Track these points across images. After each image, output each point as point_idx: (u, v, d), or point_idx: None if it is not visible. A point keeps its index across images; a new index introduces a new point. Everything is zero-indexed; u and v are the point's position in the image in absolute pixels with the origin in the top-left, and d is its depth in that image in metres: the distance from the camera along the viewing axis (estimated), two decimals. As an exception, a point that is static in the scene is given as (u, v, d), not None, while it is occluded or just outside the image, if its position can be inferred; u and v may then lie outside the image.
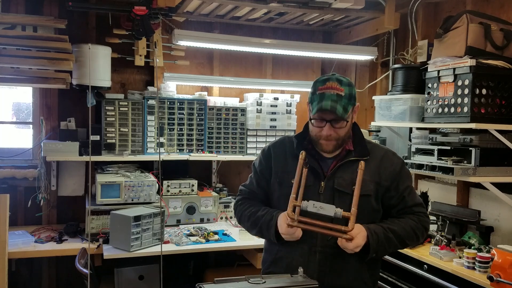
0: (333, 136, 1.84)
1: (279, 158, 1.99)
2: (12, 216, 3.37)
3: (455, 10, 3.32)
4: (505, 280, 2.22)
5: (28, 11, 3.51)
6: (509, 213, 2.89)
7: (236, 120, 3.93)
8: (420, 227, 1.90)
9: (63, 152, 3.33)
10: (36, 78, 3.14)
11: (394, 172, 1.91)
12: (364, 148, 1.91)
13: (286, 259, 1.91)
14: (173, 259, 3.50)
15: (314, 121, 1.85)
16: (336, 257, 1.84)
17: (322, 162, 1.91)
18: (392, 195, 1.90)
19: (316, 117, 1.84)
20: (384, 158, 1.93)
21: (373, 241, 1.79)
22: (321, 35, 4.48)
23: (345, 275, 1.86)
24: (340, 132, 1.84)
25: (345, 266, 1.86)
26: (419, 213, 1.93)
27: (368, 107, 4.27)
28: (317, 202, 1.72)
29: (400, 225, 1.87)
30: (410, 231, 1.87)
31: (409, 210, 1.92)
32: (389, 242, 1.83)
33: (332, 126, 1.82)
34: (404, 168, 1.96)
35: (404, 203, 1.92)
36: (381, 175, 1.89)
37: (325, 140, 1.85)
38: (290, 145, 1.99)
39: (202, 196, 3.72)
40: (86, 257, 2.75)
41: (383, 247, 1.82)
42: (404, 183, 1.93)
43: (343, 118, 1.80)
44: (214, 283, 1.49)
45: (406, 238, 1.87)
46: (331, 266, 1.85)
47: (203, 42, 3.70)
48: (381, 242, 1.80)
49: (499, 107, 2.72)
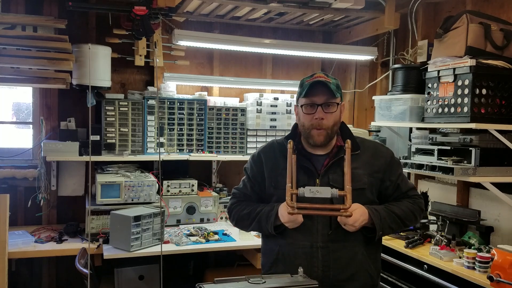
0: (325, 123, 1.85)
1: (270, 162, 2.00)
2: (12, 216, 3.37)
3: (455, 10, 3.32)
4: (505, 280, 2.22)
5: (28, 11, 3.51)
6: (509, 213, 2.89)
7: (236, 120, 3.93)
8: (417, 208, 1.98)
9: (63, 152, 3.33)
10: (36, 78, 3.13)
11: (386, 163, 1.96)
12: (355, 143, 1.94)
13: (288, 258, 1.91)
14: (173, 259, 3.50)
15: (305, 107, 1.88)
16: (339, 251, 1.86)
17: (315, 161, 1.93)
18: (387, 185, 1.97)
19: (306, 101, 1.87)
20: (374, 150, 1.98)
21: (376, 218, 1.83)
22: (321, 35, 4.48)
23: (350, 267, 1.88)
24: (330, 118, 1.86)
25: (349, 258, 1.87)
26: (413, 196, 2.01)
27: (368, 107, 4.27)
28: (313, 187, 1.77)
29: (398, 206, 1.94)
30: (407, 211, 1.94)
31: (404, 195, 2.00)
32: (391, 219, 1.89)
33: (323, 111, 1.85)
34: (394, 157, 2.02)
35: (400, 191, 1.99)
36: (373, 167, 1.93)
37: (316, 128, 1.87)
38: (279, 148, 2.00)
39: (202, 196, 3.72)
40: (86, 257, 2.75)
41: (387, 224, 1.88)
42: (397, 172, 1.99)
43: (334, 97, 1.84)
44: (214, 283, 1.49)
45: (405, 217, 1.93)
46: (334, 260, 1.86)
47: (203, 42, 3.70)
48: (383, 218, 1.86)
49: (499, 107, 2.72)
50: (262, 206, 1.97)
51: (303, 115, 1.89)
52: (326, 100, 1.84)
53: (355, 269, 1.88)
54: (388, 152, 2.02)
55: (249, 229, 2.04)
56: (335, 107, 1.86)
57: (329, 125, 1.87)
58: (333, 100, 1.85)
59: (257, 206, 1.99)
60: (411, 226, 2.05)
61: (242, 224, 2.06)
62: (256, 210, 1.97)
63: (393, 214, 1.90)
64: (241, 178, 2.14)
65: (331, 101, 1.85)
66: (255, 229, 2.01)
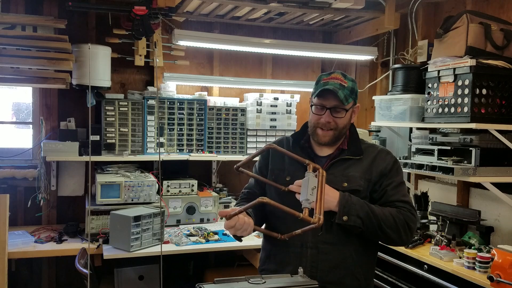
0: (332, 125, 1.87)
1: (277, 157, 2.02)
2: (12, 216, 3.38)
3: (455, 10, 3.32)
4: (505, 280, 2.22)
5: (28, 11, 3.51)
6: (509, 213, 2.89)
7: (236, 120, 3.93)
8: (401, 218, 1.82)
9: (63, 152, 3.33)
10: (36, 78, 3.13)
11: (385, 170, 1.92)
12: (358, 149, 1.94)
13: (279, 255, 1.94)
14: (173, 259, 3.50)
15: (314, 107, 1.90)
16: (328, 253, 1.86)
17: (317, 161, 1.92)
18: (376, 189, 1.90)
19: (317, 102, 1.89)
20: (377, 157, 1.95)
21: (342, 200, 1.77)
22: (321, 35, 4.48)
23: (337, 270, 1.86)
24: (339, 122, 1.88)
25: (337, 261, 1.86)
26: (402, 207, 1.85)
27: (368, 107, 4.27)
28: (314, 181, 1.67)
29: (379, 207, 1.84)
30: (388, 214, 1.81)
31: (391, 204, 1.86)
32: (362, 210, 1.78)
33: (332, 114, 1.86)
34: (395, 166, 1.94)
35: (386, 197, 1.88)
36: (372, 173, 1.91)
37: (322, 129, 1.88)
38: (288, 144, 2.03)
39: (202, 196, 3.72)
40: (86, 257, 2.75)
41: (354, 211, 1.77)
42: (390, 179, 1.90)
43: (343, 104, 1.85)
44: (214, 283, 1.49)
45: (382, 218, 1.79)
46: (323, 262, 1.86)
47: (203, 42, 3.70)
48: (352, 204, 1.77)
49: (499, 107, 2.72)
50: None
51: (312, 114, 1.93)
52: (335, 106, 1.86)
53: (343, 272, 1.86)
54: (391, 160, 1.95)
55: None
56: (344, 113, 1.88)
57: (337, 127, 1.89)
58: (342, 107, 1.86)
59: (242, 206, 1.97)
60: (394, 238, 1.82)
61: None
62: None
63: (367, 206, 1.79)
64: (243, 178, 2.15)
65: (340, 107, 1.86)
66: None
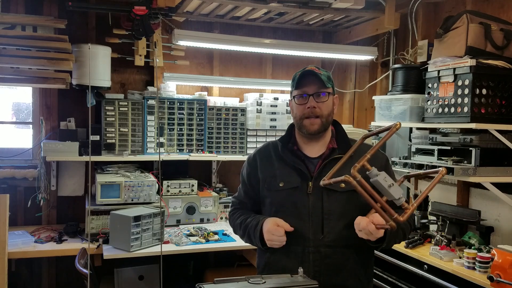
0: (317, 111, 1.85)
1: (265, 164, 1.99)
2: (12, 216, 3.38)
3: (455, 10, 3.32)
4: (505, 280, 2.22)
5: (28, 11, 3.51)
6: (509, 213, 2.89)
7: (236, 120, 3.93)
8: (407, 223, 1.90)
9: (63, 152, 3.33)
10: (36, 78, 3.14)
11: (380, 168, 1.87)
12: (348, 145, 1.91)
13: (279, 262, 1.90)
14: (173, 259, 3.50)
15: (297, 98, 1.90)
16: (330, 256, 1.84)
17: (308, 163, 1.91)
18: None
19: (298, 93, 1.89)
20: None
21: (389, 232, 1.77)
22: (321, 35, 4.48)
23: (340, 273, 1.85)
24: (323, 108, 1.87)
25: (340, 264, 1.85)
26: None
27: (368, 107, 4.27)
28: (388, 177, 1.61)
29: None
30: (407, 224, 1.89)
31: None
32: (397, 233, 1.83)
33: (315, 100, 1.86)
34: (388, 163, 1.97)
35: None
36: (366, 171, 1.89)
37: (308, 118, 1.86)
38: (274, 149, 2.00)
39: (202, 196, 3.72)
40: (86, 257, 2.75)
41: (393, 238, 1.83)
42: None
43: (325, 86, 1.86)
44: (214, 283, 1.49)
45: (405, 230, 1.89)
46: (325, 266, 1.84)
47: (203, 42, 3.70)
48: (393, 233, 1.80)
49: (499, 107, 2.72)
50: (251, 217, 1.95)
51: (296, 106, 1.91)
52: (317, 90, 1.86)
53: (346, 275, 1.86)
54: (383, 157, 1.97)
55: (244, 240, 2.02)
56: (327, 96, 1.88)
57: (322, 114, 1.87)
58: (324, 90, 1.87)
59: (248, 216, 1.98)
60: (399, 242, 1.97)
61: (237, 234, 2.07)
62: (246, 221, 1.96)
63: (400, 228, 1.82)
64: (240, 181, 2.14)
65: (322, 90, 1.87)
66: (247, 242, 1.99)
